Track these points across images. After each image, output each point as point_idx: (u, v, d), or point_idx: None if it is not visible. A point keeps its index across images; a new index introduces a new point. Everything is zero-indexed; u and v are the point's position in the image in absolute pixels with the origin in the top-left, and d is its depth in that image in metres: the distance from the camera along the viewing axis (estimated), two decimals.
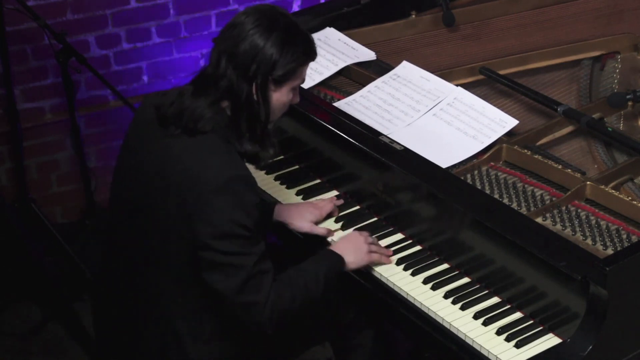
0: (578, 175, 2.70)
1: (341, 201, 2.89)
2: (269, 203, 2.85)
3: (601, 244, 2.52)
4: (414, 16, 3.41)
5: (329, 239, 2.78)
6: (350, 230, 2.80)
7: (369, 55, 3.26)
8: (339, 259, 2.59)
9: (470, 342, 2.45)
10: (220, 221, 2.32)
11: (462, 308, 2.53)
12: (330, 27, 3.36)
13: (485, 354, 2.41)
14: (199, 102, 2.39)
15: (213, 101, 2.40)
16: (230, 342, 2.53)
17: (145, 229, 2.46)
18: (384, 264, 2.67)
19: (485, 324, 2.48)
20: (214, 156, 2.37)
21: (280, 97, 2.45)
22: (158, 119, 2.45)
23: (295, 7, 4.57)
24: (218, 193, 2.32)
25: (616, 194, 2.63)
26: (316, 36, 3.32)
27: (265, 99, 2.41)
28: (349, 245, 2.64)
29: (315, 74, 3.18)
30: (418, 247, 2.74)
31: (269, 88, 2.41)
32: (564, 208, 2.65)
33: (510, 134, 2.88)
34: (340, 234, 2.80)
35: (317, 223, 2.82)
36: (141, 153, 2.48)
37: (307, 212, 2.81)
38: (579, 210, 2.63)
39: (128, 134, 2.57)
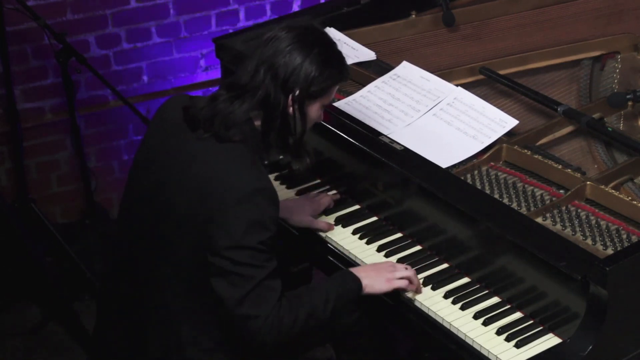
0: (578, 175, 2.70)
1: (338, 195, 2.89)
2: None
3: (601, 244, 2.52)
4: (414, 16, 3.41)
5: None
6: (351, 228, 2.80)
7: (369, 55, 3.26)
8: (354, 280, 2.52)
9: (470, 342, 2.45)
10: (237, 231, 2.31)
11: (462, 308, 2.53)
12: (330, 27, 3.36)
13: (485, 353, 2.41)
14: (233, 107, 2.39)
15: (247, 109, 2.40)
16: (232, 353, 2.50)
17: (159, 230, 2.45)
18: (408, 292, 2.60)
19: (485, 324, 2.48)
20: (241, 166, 2.37)
21: (311, 112, 2.47)
22: (187, 121, 2.44)
23: (295, 7, 4.57)
24: (240, 203, 2.31)
25: (616, 194, 2.63)
26: None
27: (302, 112, 2.43)
28: (371, 268, 2.58)
29: None
30: (418, 247, 2.74)
31: (306, 102, 2.43)
32: (564, 208, 2.65)
33: (510, 134, 2.88)
34: (340, 230, 2.80)
35: (315, 217, 2.83)
36: (164, 152, 2.46)
37: (306, 206, 2.82)
38: (579, 210, 2.63)
39: (150, 131, 2.56)
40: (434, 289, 2.60)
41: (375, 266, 2.60)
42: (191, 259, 2.41)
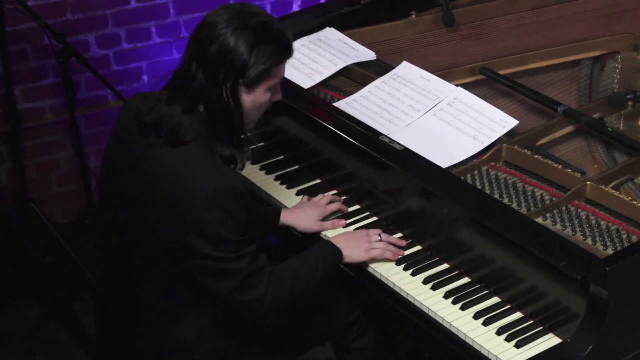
0: (578, 175, 2.70)
1: (341, 199, 2.89)
2: (274, 208, 2.86)
3: (601, 244, 2.52)
4: (414, 16, 3.41)
5: (323, 235, 2.78)
6: (351, 228, 2.80)
7: (369, 55, 3.26)
8: (336, 251, 2.59)
9: (470, 342, 2.45)
10: (211, 232, 2.29)
11: (462, 308, 2.53)
12: (330, 27, 3.36)
13: (485, 354, 2.41)
14: (174, 108, 2.35)
15: (188, 107, 2.35)
16: (231, 340, 2.52)
17: (134, 237, 2.43)
18: (388, 259, 2.67)
19: (485, 324, 2.48)
20: (200, 168, 2.32)
21: (255, 98, 2.40)
22: (138, 127, 2.40)
23: (295, 7, 4.57)
24: (206, 206, 2.28)
25: (616, 194, 2.63)
26: (316, 36, 3.32)
27: (236, 103, 2.36)
28: (349, 239, 2.64)
29: (315, 74, 3.18)
30: (418, 247, 2.73)
31: (240, 91, 2.36)
32: (564, 208, 2.65)
33: (510, 134, 2.88)
34: (340, 230, 2.79)
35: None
36: (126, 162, 2.44)
37: (312, 212, 2.80)
38: (579, 210, 2.63)
39: (111, 140, 2.52)
40: (434, 289, 2.60)
41: (352, 235, 2.65)
42: (169, 261, 2.39)
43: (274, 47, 2.35)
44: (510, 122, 2.86)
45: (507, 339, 2.43)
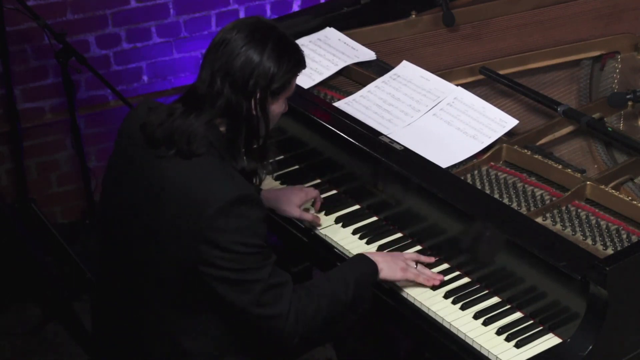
0: (578, 175, 2.70)
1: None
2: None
3: (601, 244, 2.52)
4: (414, 16, 3.41)
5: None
6: (351, 228, 2.80)
7: (369, 55, 3.26)
8: (371, 265, 2.53)
9: (470, 342, 2.45)
10: (227, 243, 2.27)
11: (462, 308, 2.53)
12: (330, 27, 3.36)
13: (485, 354, 2.41)
14: (190, 121, 2.34)
15: (208, 120, 2.35)
16: (240, 352, 2.48)
17: (141, 251, 2.39)
18: (423, 284, 2.59)
19: (485, 324, 2.48)
20: (213, 178, 2.31)
21: (276, 108, 2.44)
22: (146, 140, 2.38)
23: (295, 7, 4.57)
24: (221, 216, 2.26)
25: (616, 194, 2.63)
26: (316, 36, 3.33)
27: (264, 113, 2.40)
28: (386, 255, 2.59)
29: (315, 74, 3.18)
30: (418, 247, 2.74)
31: (268, 101, 2.40)
32: (564, 208, 2.65)
33: (510, 134, 2.88)
34: (340, 230, 2.80)
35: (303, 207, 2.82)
36: (132, 172, 2.41)
37: (294, 196, 2.80)
38: (579, 210, 2.63)
39: (115, 150, 2.51)
40: (434, 289, 2.60)
41: (389, 254, 2.61)
42: (179, 274, 2.35)
43: (295, 58, 2.41)
44: (510, 122, 2.86)
45: (507, 339, 2.43)
